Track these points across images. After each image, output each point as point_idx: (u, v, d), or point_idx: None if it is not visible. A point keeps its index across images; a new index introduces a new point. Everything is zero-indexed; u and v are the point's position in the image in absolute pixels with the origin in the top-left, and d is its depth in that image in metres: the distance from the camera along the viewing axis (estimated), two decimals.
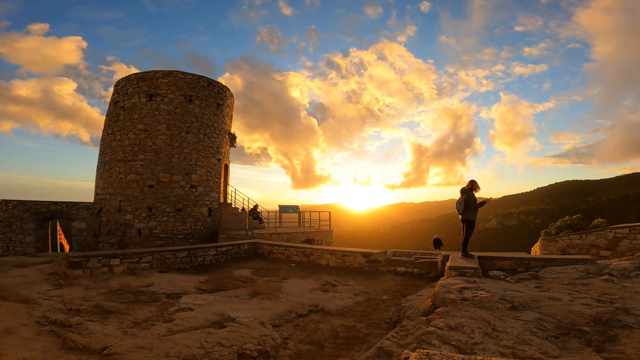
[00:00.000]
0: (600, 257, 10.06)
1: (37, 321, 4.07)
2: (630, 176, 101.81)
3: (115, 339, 3.56)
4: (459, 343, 2.60)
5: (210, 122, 16.33)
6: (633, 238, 10.28)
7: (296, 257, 9.36)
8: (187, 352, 3.26)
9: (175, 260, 8.09)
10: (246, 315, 4.40)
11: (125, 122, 15.17)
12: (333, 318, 4.83)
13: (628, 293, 3.92)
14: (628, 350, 2.51)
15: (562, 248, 11.63)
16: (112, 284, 6.03)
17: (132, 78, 15.59)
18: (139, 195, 14.60)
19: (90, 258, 6.76)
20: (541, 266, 6.00)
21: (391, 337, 3.14)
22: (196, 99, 15.83)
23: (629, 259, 6.07)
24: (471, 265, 5.44)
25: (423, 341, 2.67)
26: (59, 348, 3.40)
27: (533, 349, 2.60)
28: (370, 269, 8.04)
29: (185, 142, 15.30)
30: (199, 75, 16.09)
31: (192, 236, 15.17)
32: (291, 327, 4.45)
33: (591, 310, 3.27)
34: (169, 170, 14.90)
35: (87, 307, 4.63)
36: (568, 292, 4.15)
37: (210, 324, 4.09)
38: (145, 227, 14.49)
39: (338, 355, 3.66)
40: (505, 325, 3.01)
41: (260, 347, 3.57)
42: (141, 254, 7.58)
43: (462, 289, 4.07)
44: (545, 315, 3.28)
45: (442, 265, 6.87)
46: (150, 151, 14.80)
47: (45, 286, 5.77)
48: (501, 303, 3.58)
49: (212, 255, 8.96)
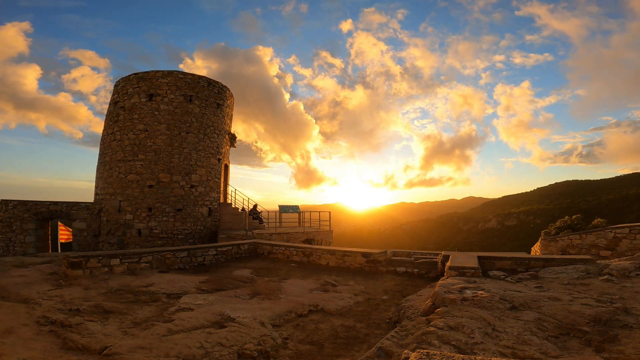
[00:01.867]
0: (600, 257, 10.06)
1: (37, 321, 4.07)
2: (630, 176, 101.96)
3: (115, 339, 3.56)
4: (459, 343, 2.60)
5: (210, 122, 16.35)
6: (633, 238, 10.28)
7: (296, 257, 9.36)
8: (187, 352, 3.26)
9: (175, 260, 8.10)
10: (246, 315, 4.40)
11: (125, 122, 15.18)
12: (333, 318, 4.83)
13: (628, 293, 3.92)
14: (628, 350, 2.51)
15: (562, 248, 11.63)
16: (112, 284, 6.03)
17: (132, 78, 15.60)
18: (139, 195, 14.62)
19: (90, 258, 6.77)
20: (541, 266, 6.00)
21: (391, 337, 3.15)
22: (196, 99, 15.85)
23: (629, 259, 6.07)
24: (471, 265, 5.44)
25: (423, 341, 2.67)
26: (59, 348, 3.40)
27: (533, 349, 2.60)
28: (370, 269, 8.04)
29: (185, 142, 15.32)
30: (199, 76, 16.13)
31: (192, 236, 15.18)
32: (291, 327, 4.45)
33: (591, 310, 3.27)
34: (169, 170, 14.92)
35: (87, 307, 4.64)
36: (568, 292, 4.15)
37: (210, 324, 4.10)
38: (145, 227, 14.50)
39: (338, 355, 3.66)
40: (505, 325, 3.01)
41: (260, 347, 3.57)
42: (141, 254, 7.58)
43: (462, 289, 4.08)
44: (545, 315, 3.28)
45: (442, 265, 6.87)
46: (150, 151, 14.82)
47: (45, 286, 5.77)
48: (501, 303, 3.58)
49: (212, 255, 8.96)
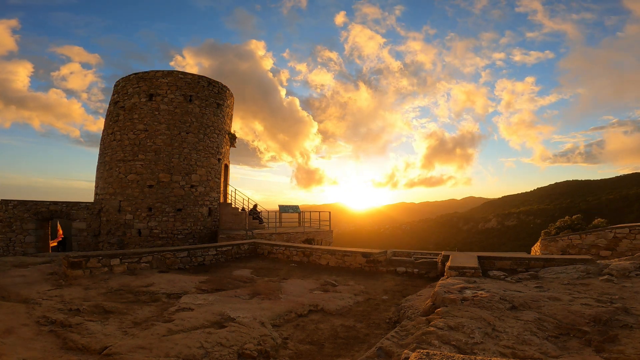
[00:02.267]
0: (600, 257, 10.06)
1: (37, 321, 4.07)
2: (630, 176, 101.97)
3: (115, 339, 3.56)
4: (459, 343, 2.60)
5: (210, 122, 16.34)
6: (633, 238, 10.28)
7: (296, 257, 9.36)
8: (187, 352, 3.26)
9: (175, 260, 8.10)
10: (246, 315, 4.40)
11: (125, 122, 15.18)
12: (333, 318, 4.83)
13: (628, 293, 3.92)
14: (628, 350, 2.51)
15: (562, 248, 11.63)
16: (112, 284, 6.03)
17: (132, 78, 15.60)
18: (139, 195, 14.61)
19: (90, 258, 6.77)
20: (541, 266, 6.00)
21: (391, 337, 3.15)
22: (196, 99, 15.85)
23: (629, 259, 6.07)
24: (471, 265, 5.44)
25: (423, 341, 2.67)
26: (59, 348, 3.40)
27: (533, 349, 2.60)
28: (370, 269, 8.04)
29: (185, 142, 15.31)
30: (199, 75, 16.12)
31: (192, 236, 15.18)
32: (291, 327, 4.45)
33: (591, 310, 3.27)
34: (169, 170, 14.91)
35: (87, 307, 4.64)
36: (568, 292, 4.15)
37: (210, 324, 4.10)
38: (145, 227, 14.50)
39: (338, 355, 3.66)
40: (505, 325, 3.01)
41: (260, 347, 3.57)
42: (141, 254, 7.58)
43: (462, 289, 4.08)
44: (545, 315, 3.28)
45: (442, 265, 6.87)
46: (150, 151, 14.81)
47: (45, 286, 5.77)
48: (501, 303, 3.58)
49: (212, 255, 8.96)
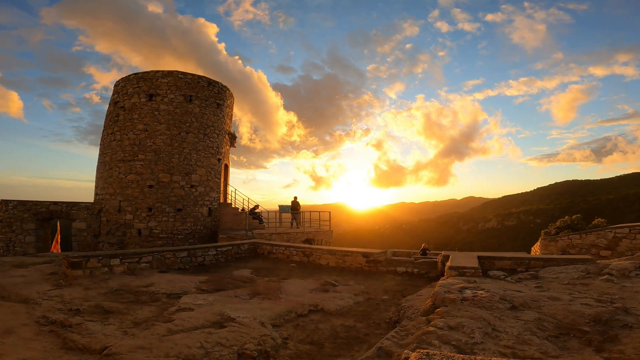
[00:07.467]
0: (600, 257, 10.06)
1: (37, 321, 4.07)
2: (630, 176, 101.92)
3: (115, 339, 3.55)
4: (459, 343, 2.60)
5: (210, 122, 16.35)
6: (633, 238, 10.28)
7: (296, 257, 9.36)
8: (187, 352, 3.26)
9: (175, 260, 8.10)
10: (246, 315, 4.40)
11: (125, 122, 15.19)
12: (333, 318, 4.83)
13: (628, 293, 3.92)
14: (628, 350, 2.51)
15: (562, 248, 11.63)
16: (112, 284, 6.03)
17: (132, 78, 15.61)
18: (139, 195, 14.62)
19: (90, 258, 6.77)
20: (541, 266, 6.00)
21: (391, 337, 3.15)
22: (196, 99, 15.86)
23: (629, 258, 6.07)
24: (471, 265, 5.45)
25: (423, 341, 2.67)
26: (59, 348, 3.40)
27: (533, 348, 2.60)
28: (370, 269, 8.04)
29: (185, 142, 15.32)
30: (198, 76, 16.14)
31: (192, 236, 15.18)
32: (291, 327, 4.45)
33: (591, 310, 3.27)
34: (169, 170, 14.92)
35: (87, 307, 4.63)
36: (568, 292, 4.15)
37: (210, 324, 4.09)
38: (145, 227, 14.51)
39: (338, 355, 3.66)
40: (505, 325, 3.01)
41: (260, 347, 3.57)
42: (141, 254, 7.58)
43: (462, 289, 4.07)
44: (545, 315, 3.28)
45: (442, 265, 6.87)
46: (150, 151, 14.82)
47: (45, 286, 5.77)
48: (501, 303, 3.58)
49: (212, 255, 8.96)
